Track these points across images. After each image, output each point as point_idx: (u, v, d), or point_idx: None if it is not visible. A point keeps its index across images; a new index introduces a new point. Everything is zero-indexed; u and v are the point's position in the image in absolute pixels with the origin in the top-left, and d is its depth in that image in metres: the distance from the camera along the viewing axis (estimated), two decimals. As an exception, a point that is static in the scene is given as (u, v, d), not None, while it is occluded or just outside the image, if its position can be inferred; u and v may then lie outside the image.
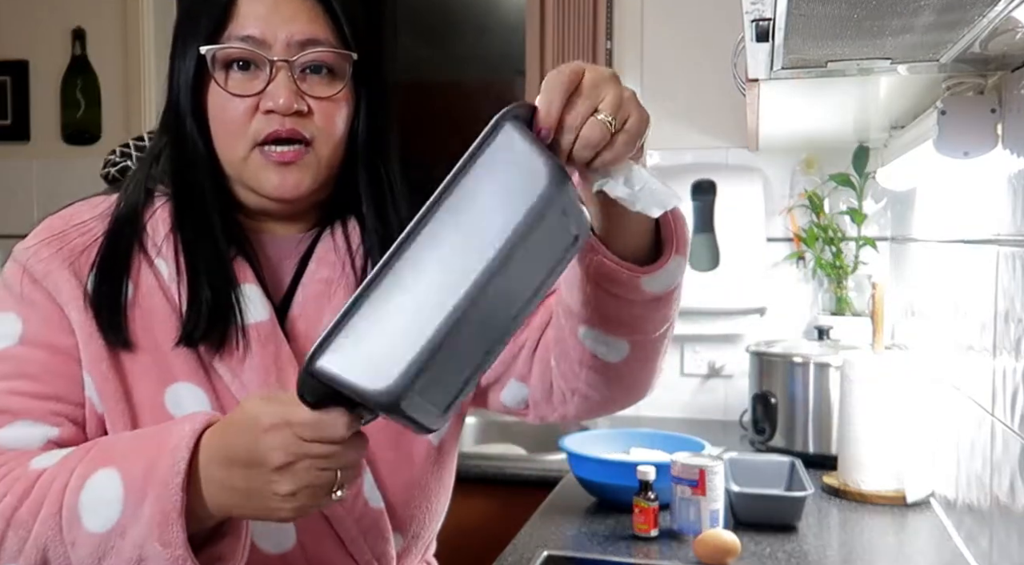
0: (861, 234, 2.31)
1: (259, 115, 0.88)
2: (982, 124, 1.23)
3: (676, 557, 1.39)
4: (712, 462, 1.46)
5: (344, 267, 0.95)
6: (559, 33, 2.51)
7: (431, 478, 0.97)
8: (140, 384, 0.85)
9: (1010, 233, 1.19)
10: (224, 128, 0.89)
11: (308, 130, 0.89)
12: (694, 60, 2.45)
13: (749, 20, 0.96)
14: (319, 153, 0.90)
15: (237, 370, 0.87)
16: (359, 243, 0.96)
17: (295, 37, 0.88)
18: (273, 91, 0.87)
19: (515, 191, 0.67)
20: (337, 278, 0.94)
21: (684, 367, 2.49)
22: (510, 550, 1.42)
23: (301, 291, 0.93)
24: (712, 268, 2.32)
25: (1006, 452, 1.20)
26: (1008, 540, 1.19)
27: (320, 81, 0.90)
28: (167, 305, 0.87)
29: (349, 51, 0.90)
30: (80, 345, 0.86)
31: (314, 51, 0.89)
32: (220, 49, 0.88)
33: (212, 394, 0.86)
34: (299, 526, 0.86)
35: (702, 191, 2.36)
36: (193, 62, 0.89)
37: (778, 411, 1.97)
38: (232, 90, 0.88)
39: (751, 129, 1.90)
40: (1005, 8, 0.89)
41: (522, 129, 0.69)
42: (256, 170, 0.89)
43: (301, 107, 0.88)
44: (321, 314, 0.91)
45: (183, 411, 0.84)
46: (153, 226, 0.89)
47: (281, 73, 0.87)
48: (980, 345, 1.33)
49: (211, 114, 0.89)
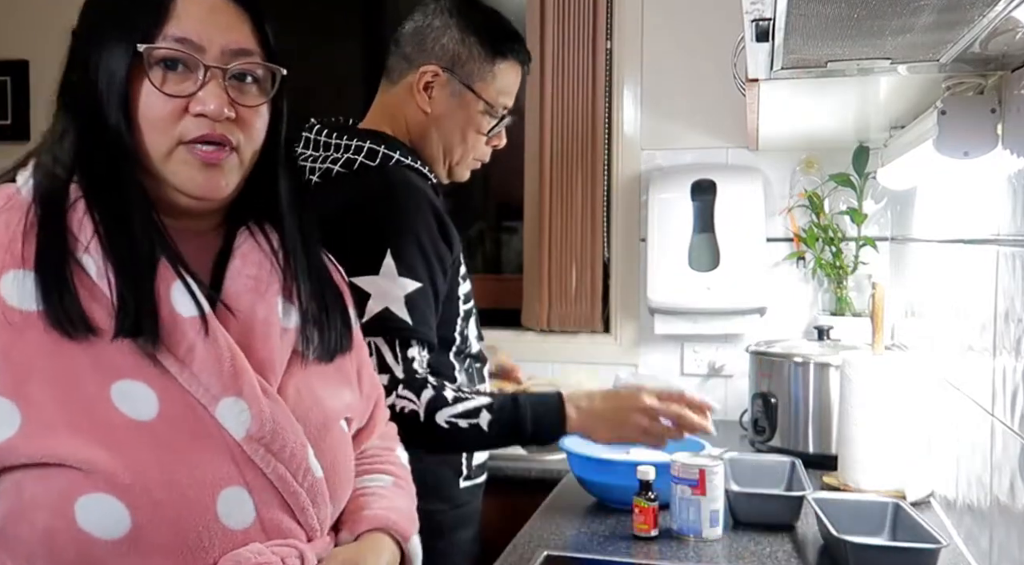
0: (861, 234, 2.31)
1: (188, 117, 0.91)
2: (982, 124, 1.23)
3: (676, 557, 1.39)
4: (712, 462, 1.46)
5: (272, 265, 0.99)
6: (559, 33, 2.51)
7: (348, 453, 1.04)
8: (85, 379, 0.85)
9: (1010, 233, 1.19)
10: (151, 125, 0.91)
11: (234, 136, 0.93)
12: (694, 60, 2.45)
13: (749, 20, 0.96)
14: (243, 157, 0.95)
15: (187, 361, 0.88)
16: (279, 245, 1.01)
17: (230, 46, 0.92)
18: (205, 96, 0.91)
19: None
20: (266, 276, 0.98)
21: (684, 367, 2.49)
22: (510, 550, 1.42)
23: (230, 285, 0.96)
24: (712, 268, 2.33)
25: (1006, 452, 1.20)
26: (1008, 540, 1.19)
27: (247, 90, 0.95)
28: (97, 302, 0.87)
29: (277, 66, 0.96)
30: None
31: (247, 61, 0.94)
32: (157, 48, 0.90)
33: (160, 388, 0.87)
34: (257, 501, 0.89)
35: (702, 191, 2.37)
36: (126, 58, 0.90)
37: (778, 411, 1.97)
38: (165, 90, 0.90)
39: (751, 129, 1.90)
40: (1005, 8, 0.89)
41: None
42: (179, 167, 0.92)
43: (230, 114, 0.92)
44: (254, 309, 0.95)
45: (132, 406, 0.85)
46: (78, 222, 0.89)
47: (214, 80, 0.91)
48: (980, 345, 1.33)
49: (141, 111, 0.91)
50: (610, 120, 2.53)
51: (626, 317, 2.54)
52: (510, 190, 2.71)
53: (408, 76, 1.54)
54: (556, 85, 2.52)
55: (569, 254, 2.53)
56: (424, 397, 1.37)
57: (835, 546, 1.33)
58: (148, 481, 0.83)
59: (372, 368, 1.20)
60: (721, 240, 2.33)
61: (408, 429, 1.31)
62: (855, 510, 1.44)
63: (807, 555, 1.40)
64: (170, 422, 0.86)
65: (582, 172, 2.52)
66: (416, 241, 1.40)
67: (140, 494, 0.82)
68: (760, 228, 2.32)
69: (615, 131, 2.53)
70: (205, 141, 0.91)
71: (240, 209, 1.01)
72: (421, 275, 1.40)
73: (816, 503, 1.42)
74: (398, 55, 1.56)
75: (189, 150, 0.91)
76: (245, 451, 0.88)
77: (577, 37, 2.50)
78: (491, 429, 1.40)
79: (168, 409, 0.86)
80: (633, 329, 2.54)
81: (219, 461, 0.87)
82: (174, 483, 0.84)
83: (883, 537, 1.41)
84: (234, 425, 0.88)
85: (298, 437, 0.92)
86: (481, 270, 2.89)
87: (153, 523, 0.82)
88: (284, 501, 0.91)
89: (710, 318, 2.36)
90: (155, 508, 0.82)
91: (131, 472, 0.82)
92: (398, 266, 1.38)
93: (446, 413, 1.38)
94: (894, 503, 1.45)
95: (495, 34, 1.54)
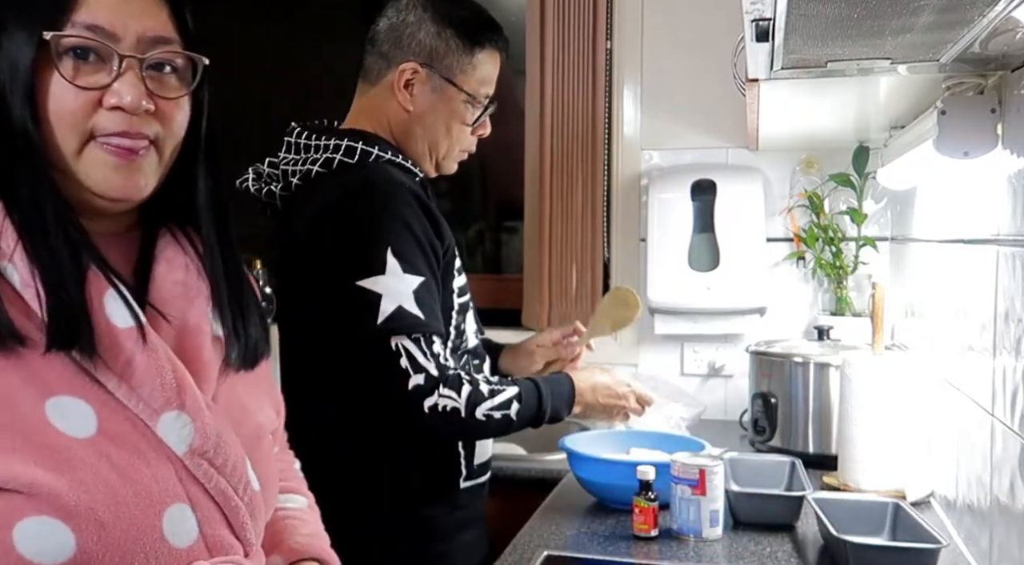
0: (861, 234, 2.31)
1: (102, 111, 0.84)
2: (982, 124, 1.23)
3: (676, 557, 1.39)
4: (712, 462, 1.46)
5: (198, 270, 0.94)
6: (559, 33, 2.51)
7: (274, 463, 1.02)
8: (17, 396, 0.79)
9: (1010, 233, 1.19)
10: (60, 120, 0.84)
11: (152, 130, 0.87)
12: (694, 60, 2.45)
13: (749, 20, 0.96)
14: (162, 153, 0.89)
15: (125, 375, 0.83)
16: (201, 247, 0.95)
17: (147, 33, 0.86)
18: (121, 88, 0.84)
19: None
20: (193, 281, 0.93)
21: (684, 367, 2.49)
22: (510, 550, 1.42)
23: (156, 292, 0.90)
24: (712, 268, 2.33)
25: (1006, 452, 1.20)
26: (1008, 540, 1.19)
27: (167, 81, 0.88)
28: (24, 313, 0.81)
29: (199, 54, 0.89)
30: None
31: (165, 50, 0.87)
32: (67, 36, 0.83)
33: (97, 403, 0.82)
34: (200, 517, 0.86)
35: (702, 191, 2.37)
36: (30, 47, 0.82)
37: (778, 411, 1.97)
38: (77, 83, 0.83)
39: (751, 129, 1.90)
40: (1005, 8, 0.89)
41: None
42: (93, 166, 0.85)
43: (149, 106, 0.85)
44: (186, 316, 0.90)
45: (68, 424, 0.80)
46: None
47: (130, 70, 0.85)
48: (980, 345, 1.33)
49: (49, 105, 0.84)
50: (610, 120, 2.53)
51: (626, 317, 2.54)
52: (510, 190, 2.71)
53: (387, 75, 1.53)
54: (556, 85, 2.52)
55: (569, 254, 2.53)
56: (464, 393, 1.40)
57: (835, 546, 1.33)
58: (93, 502, 0.78)
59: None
60: (721, 240, 2.33)
61: (447, 425, 1.38)
62: (855, 510, 1.44)
63: (807, 555, 1.40)
64: (110, 438, 0.81)
65: (582, 172, 2.52)
66: (412, 235, 1.40)
67: (85, 516, 0.77)
68: (760, 228, 2.32)
69: (615, 131, 2.53)
70: (123, 135, 0.84)
71: (155, 209, 0.94)
72: (422, 269, 1.41)
73: (816, 503, 1.42)
74: (375, 54, 1.55)
75: (102, 147, 0.84)
76: (187, 466, 0.85)
77: (577, 37, 2.50)
78: (518, 417, 1.46)
79: (107, 425, 0.81)
80: (633, 329, 2.53)
81: (163, 478, 0.83)
82: (120, 503, 0.79)
83: (883, 537, 1.41)
84: (176, 440, 0.84)
85: (238, 450, 0.89)
86: (481, 270, 2.89)
87: (99, 546, 0.78)
88: (224, 516, 0.88)
89: (710, 318, 2.36)
90: (101, 530, 0.78)
91: (75, 493, 0.77)
92: (401, 263, 1.38)
93: (485, 407, 1.42)
94: (894, 503, 1.45)
95: (471, 24, 1.53)
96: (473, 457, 1.55)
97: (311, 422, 1.41)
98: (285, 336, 1.57)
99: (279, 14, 2.94)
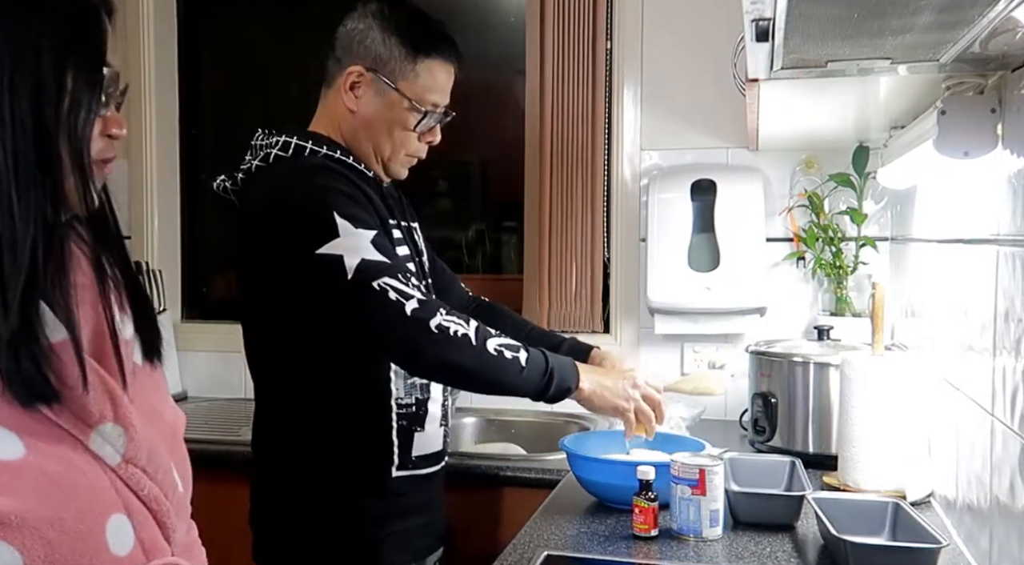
0: (861, 234, 2.31)
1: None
2: (982, 124, 1.23)
3: (676, 557, 1.39)
4: (712, 462, 1.46)
5: (93, 268, 0.89)
6: (559, 33, 2.51)
7: (189, 465, 1.00)
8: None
9: (1010, 233, 1.19)
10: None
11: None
12: (694, 60, 2.45)
13: (749, 20, 0.96)
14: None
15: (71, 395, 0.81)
16: (95, 245, 0.90)
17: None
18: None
19: None
20: (91, 283, 0.88)
21: (684, 367, 2.49)
22: (510, 550, 1.42)
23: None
24: (712, 268, 2.33)
25: (1006, 452, 1.20)
26: (1008, 540, 1.19)
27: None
28: None
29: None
30: None
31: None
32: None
33: (16, 425, 0.79)
34: (135, 523, 0.85)
35: (702, 191, 2.37)
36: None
37: (778, 411, 1.97)
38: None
39: (751, 129, 1.91)
40: (1005, 8, 0.89)
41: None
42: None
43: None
44: (96, 321, 0.87)
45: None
46: None
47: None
48: (980, 345, 1.33)
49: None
50: (610, 120, 2.53)
51: (626, 317, 2.54)
52: (510, 190, 2.71)
53: (338, 78, 1.61)
54: (556, 85, 2.52)
55: (569, 254, 2.53)
56: (472, 324, 1.43)
57: (835, 546, 1.33)
58: (37, 521, 0.76)
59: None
60: (721, 240, 2.33)
61: (460, 351, 1.39)
62: (855, 510, 1.44)
63: (807, 555, 1.40)
64: (43, 456, 0.79)
65: (582, 172, 2.52)
66: (351, 199, 1.47)
67: (31, 535, 0.75)
68: (760, 228, 2.32)
69: (615, 131, 2.53)
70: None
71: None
72: (372, 223, 1.47)
73: (816, 503, 1.42)
74: (332, 59, 1.63)
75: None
76: (121, 477, 0.84)
77: (577, 37, 2.50)
78: (527, 365, 1.46)
79: (35, 444, 0.78)
80: (633, 329, 2.54)
81: (101, 489, 0.82)
82: (64, 520, 0.78)
83: (883, 537, 1.41)
84: (109, 452, 0.83)
85: (165, 454, 0.89)
86: (481, 270, 2.89)
87: (47, 564, 0.76)
88: (155, 520, 0.88)
89: (710, 318, 2.36)
90: (48, 548, 0.76)
91: (17, 513, 0.75)
92: (351, 222, 1.43)
93: (496, 341, 1.44)
94: (894, 503, 1.45)
95: (415, 34, 1.59)
96: (410, 448, 1.58)
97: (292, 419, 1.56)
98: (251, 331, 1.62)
99: (279, 14, 2.94)
